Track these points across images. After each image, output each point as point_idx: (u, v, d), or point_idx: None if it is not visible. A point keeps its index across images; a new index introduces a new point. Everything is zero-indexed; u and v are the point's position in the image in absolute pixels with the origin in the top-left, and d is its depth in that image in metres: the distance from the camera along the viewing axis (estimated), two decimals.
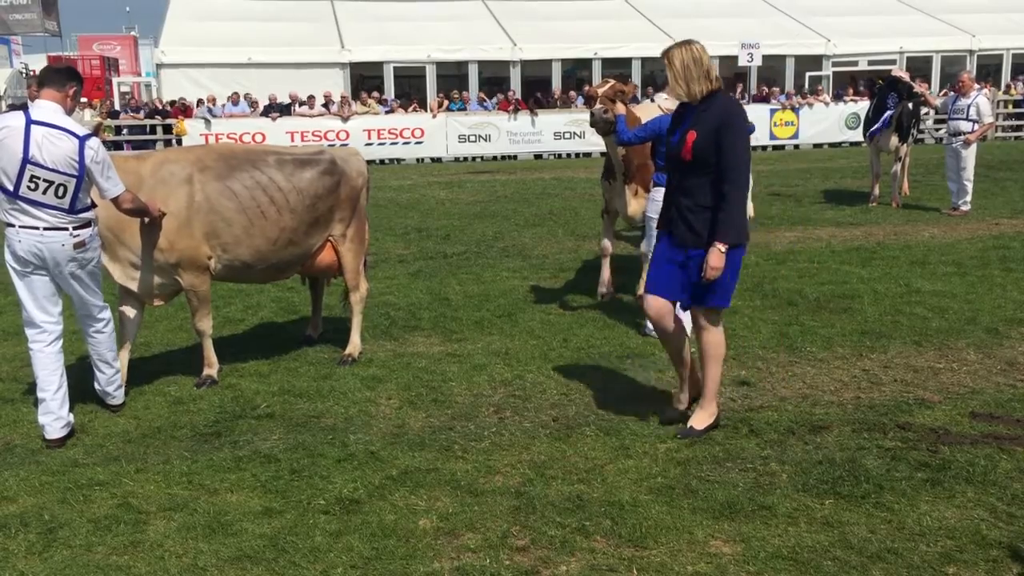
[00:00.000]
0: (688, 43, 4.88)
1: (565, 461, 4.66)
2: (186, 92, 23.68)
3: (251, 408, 5.52)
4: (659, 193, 6.63)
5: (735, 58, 25.42)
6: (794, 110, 25.05)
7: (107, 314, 5.34)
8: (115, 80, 32.32)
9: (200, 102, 23.10)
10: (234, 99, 23.42)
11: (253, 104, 23.32)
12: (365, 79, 26.53)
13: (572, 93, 25.30)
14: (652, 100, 10.74)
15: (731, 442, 4.85)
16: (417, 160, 23.76)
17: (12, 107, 23.87)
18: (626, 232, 10.15)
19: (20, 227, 4.86)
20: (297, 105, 23.53)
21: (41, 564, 3.72)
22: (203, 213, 5.71)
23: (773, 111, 24.85)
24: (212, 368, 6.03)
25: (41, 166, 4.78)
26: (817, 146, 25.28)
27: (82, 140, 4.88)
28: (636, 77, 26.02)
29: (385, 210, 14.04)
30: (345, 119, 23.12)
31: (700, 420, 4.97)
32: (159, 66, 25.04)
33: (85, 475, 4.56)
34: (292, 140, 21.94)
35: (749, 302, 7.80)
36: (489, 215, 13.63)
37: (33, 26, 34.15)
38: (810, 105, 25.12)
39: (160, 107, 23.68)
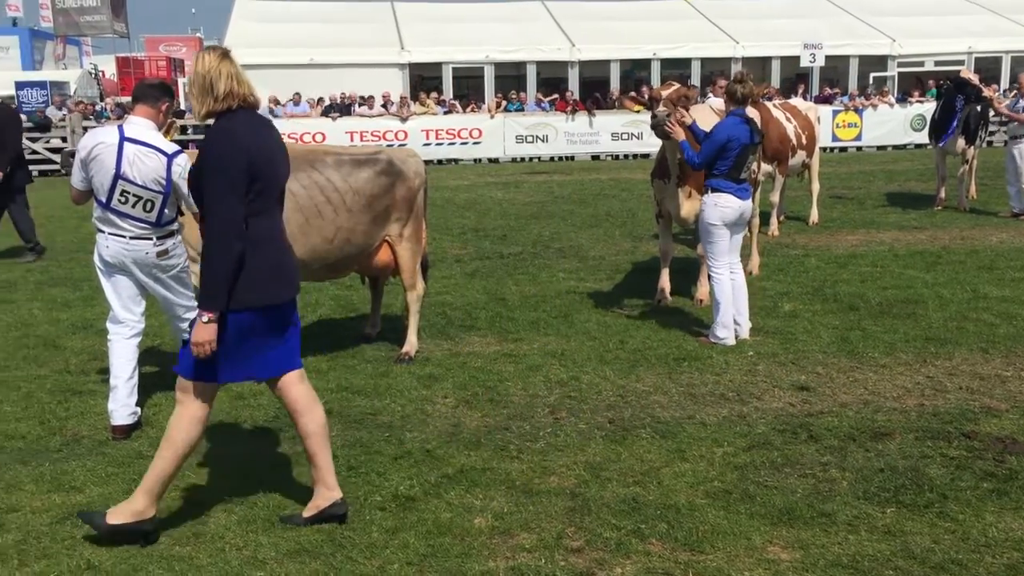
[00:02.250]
0: (208, 51, 3.84)
1: (620, 463, 4.64)
2: None
3: None
4: (722, 199, 6.58)
5: (797, 59, 25.08)
6: (857, 111, 24.60)
7: (194, 315, 5.48)
8: (180, 81, 32.99)
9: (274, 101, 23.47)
10: (295, 99, 23.77)
11: (316, 103, 23.60)
12: (424, 80, 26.73)
13: (631, 94, 25.16)
14: (706, 100, 10.64)
15: (789, 448, 4.79)
16: (474, 160, 23.86)
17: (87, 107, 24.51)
18: (681, 234, 10.06)
19: (109, 234, 5.11)
20: (357, 105, 23.79)
21: (107, 553, 3.81)
22: None
23: (836, 112, 24.43)
24: None
25: (131, 182, 4.99)
26: (881, 148, 24.79)
27: (170, 158, 5.08)
28: (695, 78, 25.81)
29: (442, 210, 14.12)
30: (404, 119, 23.32)
31: (116, 515, 3.84)
32: None
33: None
34: (352, 140, 22.18)
35: (809, 306, 7.68)
36: (546, 216, 13.63)
37: (103, 28, 35.04)
38: (874, 106, 24.64)
39: None
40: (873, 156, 23.36)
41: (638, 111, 7.78)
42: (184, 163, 5.14)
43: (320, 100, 23.72)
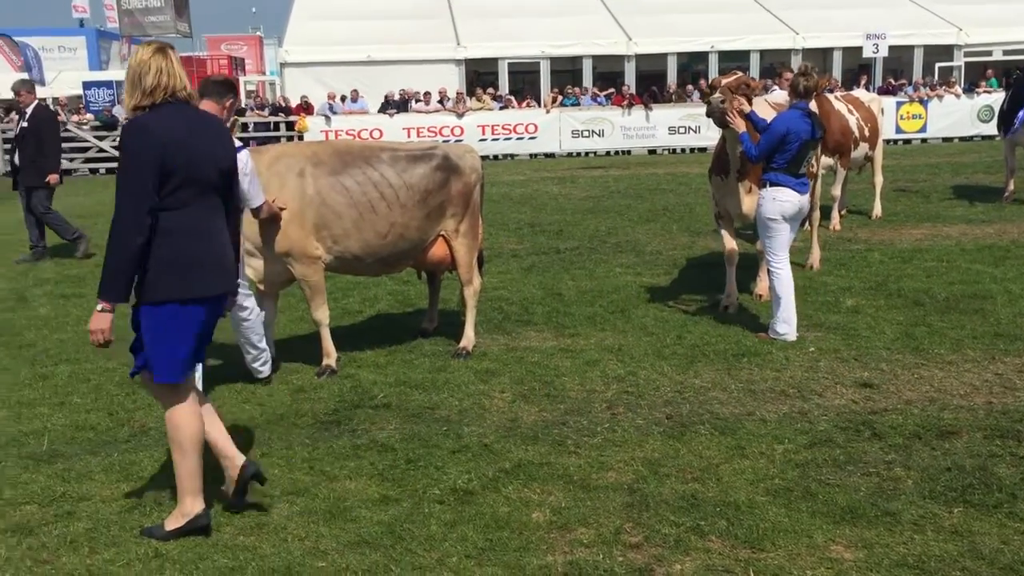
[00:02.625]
0: (145, 46, 3.88)
1: (679, 459, 4.61)
2: (308, 90, 24.41)
3: (369, 398, 5.66)
4: (780, 193, 6.48)
5: (859, 49, 24.59)
6: (922, 102, 24.05)
7: (251, 302, 5.66)
8: (241, 79, 33.53)
9: (330, 96, 23.77)
10: (353, 96, 24.02)
11: (380, 100, 23.87)
12: (480, 75, 26.80)
13: (688, 87, 24.95)
14: (770, 92, 10.48)
15: (852, 445, 4.71)
16: (530, 155, 23.86)
17: None
18: (741, 229, 9.94)
19: None
20: (413, 101, 23.96)
21: (173, 542, 3.89)
22: (314, 206, 5.90)
23: (900, 104, 23.90)
24: (331, 358, 6.21)
25: None
26: (947, 140, 24.20)
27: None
28: (754, 71, 25.46)
29: (498, 205, 14.15)
30: (460, 115, 23.41)
31: (172, 522, 3.95)
32: (283, 65, 25.92)
33: (214, 458, 4.75)
34: (408, 136, 22.32)
35: (872, 301, 7.54)
36: (602, 211, 13.58)
37: (166, 28, 35.73)
38: (939, 97, 24.07)
39: (283, 104, 24.50)
40: (938, 148, 22.81)
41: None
42: (244, 159, 5.25)
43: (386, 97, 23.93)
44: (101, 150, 23.30)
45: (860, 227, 11.32)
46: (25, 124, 10.68)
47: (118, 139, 3.46)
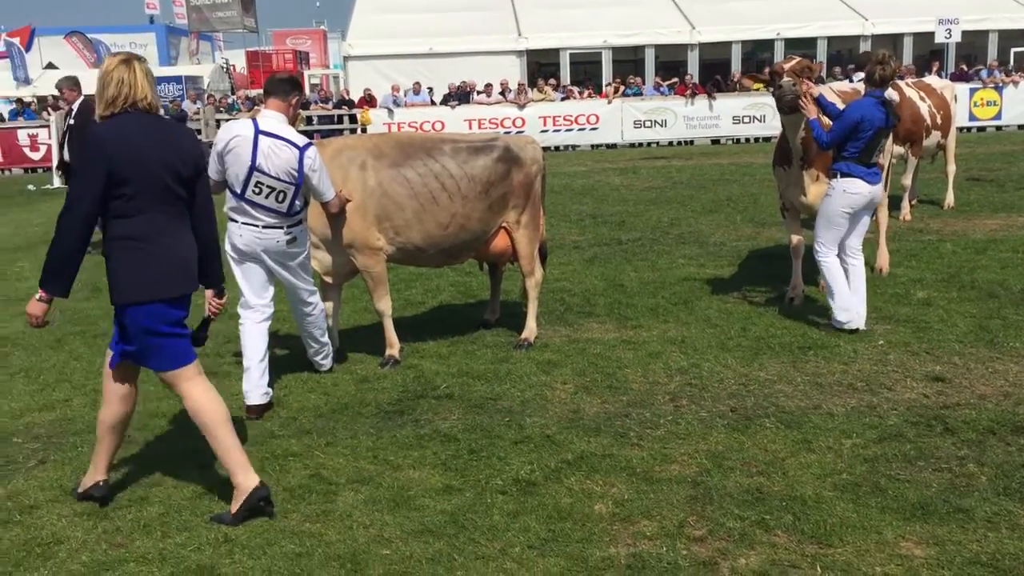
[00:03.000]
0: (113, 56, 4.07)
1: (743, 452, 4.56)
2: (371, 82, 24.62)
3: (431, 388, 5.70)
4: (851, 184, 6.34)
5: (931, 35, 23.93)
6: (997, 89, 23.33)
7: (315, 298, 5.74)
8: (306, 72, 34.02)
9: (395, 88, 23.98)
10: (415, 88, 24.18)
11: (434, 93, 24.00)
12: (541, 66, 26.75)
13: (750, 73, 24.55)
14: (852, 80, 10.25)
15: (924, 440, 4.60)
16: (592, 146, 23.76)
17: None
18: (808, 221, 9.77)
19: (242, 223, 5.31)
20: (475, 93, 24.02)
21: (242, 528, 3.98)
22: (376, 197, 5.96)
23: (973, 90, 23.22)
24: (394, 348, 6.27)
25: (265, 174, 5.19)
26: (1022, 127, 23.44)
27: (302, 150, 5.28)
28: (822, 57, 24.97)
29: (559, 196, 14.12)
30: (521, 106, 23.40)
31: (234, 505, 4.05)
32: (346, 58, 26.19)
33: (280, 446, 4.85)
34: (470, 127, 22.40)
35: (945, 293, 7.35)
36: (664, 201, 13.46)
37: (233, 23, 36.38)
38: (1015, 83, 23.31)
39: (346, 97, 24.78)
40: (1014, 135, 22.12)
41: (758, 89, 7.47)
42: (314, 155, 5.33)
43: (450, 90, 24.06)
44: None
45: (932, 217, 11.04)
46: (72, 121, 10.81)
47: None
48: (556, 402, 5.40)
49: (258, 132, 5.22)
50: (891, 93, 7.12)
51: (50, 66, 35.41)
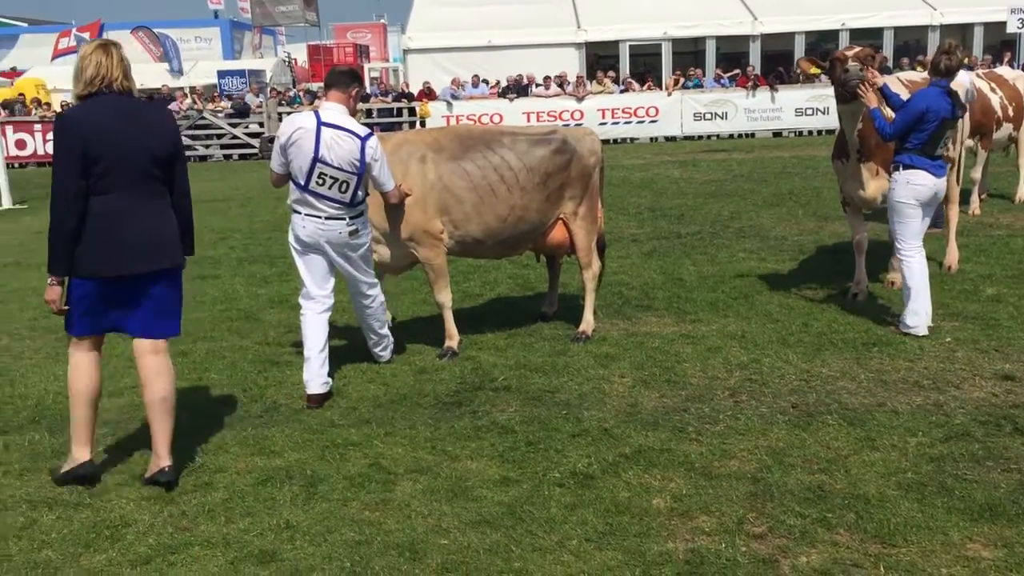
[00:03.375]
0: (91, 42, 4.31)
1: (805, 449, 4.50)
2: (430, 75, 24.75)
3: (489, 380, 5.72)
4: (915, 175, 6.19)
5: (1003, 24, 23.22)
6: None
7: (376, 291, 5.80)
8: (366, 66, 34.30)
9: (454, 81, 24.09)
10: (474, 81, 24.24)
11: (493, 85, 24.03)
12: (600, 58, 26.60)
13: (808, 57, 24.07)
14: (918, 70, 10.01)
15: (992, 440, 4.49)
16: (651, 139, 23.58)
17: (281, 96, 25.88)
18: (872, 215, 9.57)
19: (305, 215, 5.39)
20: (534, 86, 23.99)
21: (303, 514, 4.04)
22: (436, 191, 5.99)
23: None
24: (453, 340, 6.30)
25: (328, 164, 5.26)
26: None
27: (363, 140, 5.34)
28: (888, 48, 24.41)
29: (618, 189, 14.04)
30: (580, 99, 23.32)
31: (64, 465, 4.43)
32: (406, 52, 26.34)
33: (340, 435, 4.91)
34: (528, 120, 22.38)
35: (1015, 290, 7.16)
36: (724, 195, 13.31)
37: (295, 17, 36.82)
38: None
39: (406, 91, 24.95)
40: None
41: (815, 74, 7.31)
42: (375, 144, 5.38)
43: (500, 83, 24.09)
44: (235, 136, 24.24)
45: (1002, 212, 10.74)
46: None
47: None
48: (614, 396, 5.38)
49: (320, 124, 5.28)
50: (965, 82, 6.93)
51: None
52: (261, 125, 23.87)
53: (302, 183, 5.32)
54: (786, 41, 25.56)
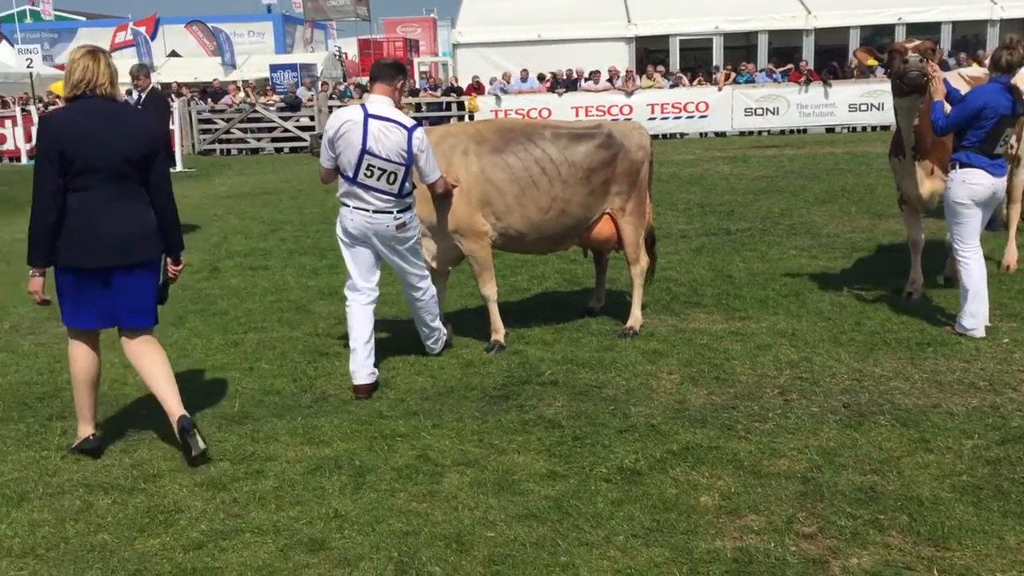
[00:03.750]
0: (80, 48, 4.59)
1: (856, 450, 4.43)
2: (479, 69, 24.77)
3: (536, 374, 5.72)
4: (972, 175, 6.05)
5: None
6: None
7: (426, 283, 5.84)
8: (415, 60, 34.48)
9: (493, 80, 24.13)
10: (522, 75, 24.23)
11: (543, 79, 23.99)
12: (650, 53, 26.41)
13: (865, 47, 23.65)
14: (983, 64, 9.78)
15: None
16: (700, 135, 23.37)
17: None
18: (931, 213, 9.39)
19: (353, 208, 5.45)
20: (582, 80, 23.91)
21: (352, 504, 4.08)
22: (479, 183, 6.02)
23: None
24: (499, 333, 6.31)
25: (377, 156, 5.31)
26: None
27: (410, 131, 5.39)
28: (946, 43, 23.89)
29: (666, 185, 13.95)
30: (629, 94, 23.18)
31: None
32: (455, 46, 26.40)
33: (388, 426, 4.95)
34: (576, 115, 22.31)
35: None
36: (775, 191, 13.15)
37: (346, 12, 37.15)
38: None
39: (455, 85, 25.02)
40: None
41: (871, 65, 7.17)
42: (422, 135, 5.43)
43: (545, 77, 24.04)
44: (286, 130, 24.51)
45: None
46: (140, 108, 11.12)
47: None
48: (661, 392, 5.36)
49: (367, 116, 5.34)
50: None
51: (173, 54, 36.86)
52: (312, 119, 24.11)
53: (351, 175, 5.37)
54: (840, 35, 25.14)
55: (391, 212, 5.44)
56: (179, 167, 20.22)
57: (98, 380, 4.76)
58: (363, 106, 5.44)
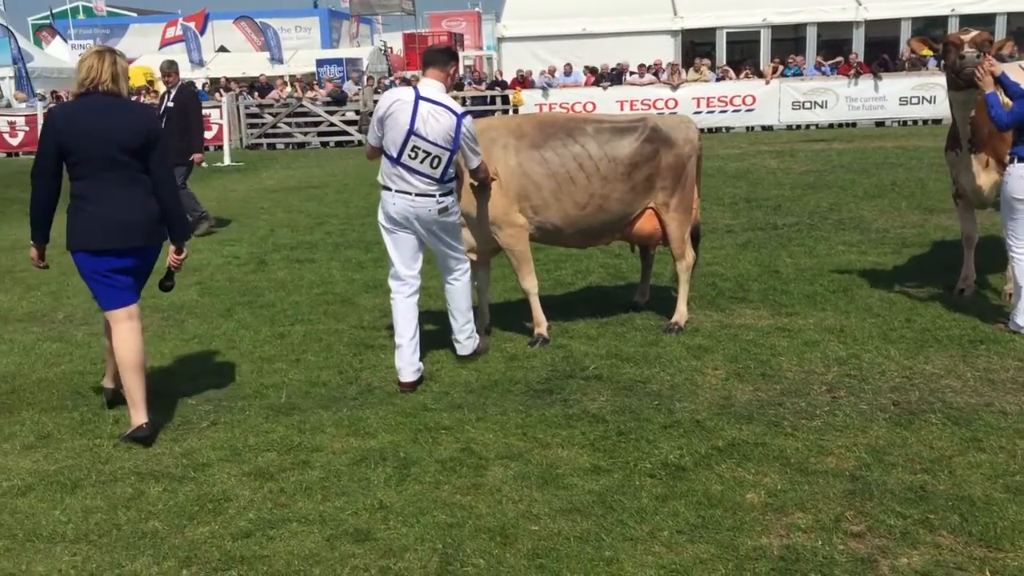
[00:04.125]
0: (91, 49, 4.92)
1: (906, 448, 4.37)
2: (524, 63, 24.76)
3: (580, 369, 5.71)
4: None
5: None
6: None
7: (464, 265, 5.84)
8: (460, 54, 34.48)
9: (541, 73, 24.09)
10: (567, 69, 24.16)
11: (593, 71, 23.90)
12: (696, 46, 26.19)
13: (920, 37, 23.21)
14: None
15: None
16: (747, 128, 23.12)
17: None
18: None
19: (395, 191, 5.45)
20: (628, 74, 23.78)
21: (396, 495, 4.11)
22: (516, 176, 6.03)
23: None
24: (542, 327, 6.31)
25: (423, 138, 5.32)
26: None
27: (459, 117, 5.41)
28: (1000, 35, 23.35)
29: (712, 179, 13.82)
30: (674, 87, 23.01)
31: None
32: (500, 40, 26.41)
33: (433, 419, 4.98)
34: (621, 109, 22.19)
35: None
36: (824, 185, 12.98)
37: (392, 7, 37.27)
38: None
39: (500, 79, 25.02)
40: None
41: (925, 56, 7.04)
42: (470, 123, 5.44)
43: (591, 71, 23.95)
44: (332, 124, 24.71)
45: None
46: (171, 104, 10.97)
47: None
48: (706, 387, 5.32)
49: (419, 97, 5.36)
50: None
51: (222, 49, 37.31)
52: (357, 113, 24.28)
53: (395, 155, 5.37)
54: (891, 27, 24.71)
55: (434, 196, 5.44)
56: (227, 161, 20.49)
57: (144, 364, 4.91)
58: (415, 88, 5.47)
